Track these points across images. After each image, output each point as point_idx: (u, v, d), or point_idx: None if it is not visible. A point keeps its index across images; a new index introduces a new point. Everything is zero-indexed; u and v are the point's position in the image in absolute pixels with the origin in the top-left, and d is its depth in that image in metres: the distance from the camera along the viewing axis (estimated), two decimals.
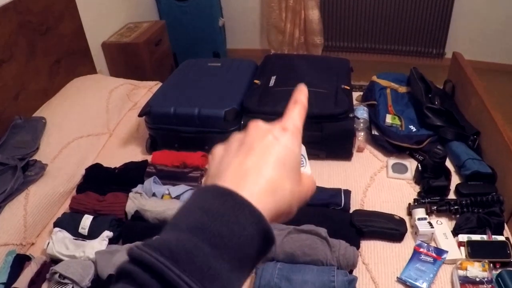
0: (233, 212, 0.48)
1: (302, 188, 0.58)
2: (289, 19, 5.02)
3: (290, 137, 0.57)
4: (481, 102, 2.50)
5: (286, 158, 0.55)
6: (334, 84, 2.51)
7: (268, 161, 0.54)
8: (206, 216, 0.47)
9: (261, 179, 0.52)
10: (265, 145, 0.56)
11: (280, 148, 0.56)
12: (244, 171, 0.53)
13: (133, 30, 4.12)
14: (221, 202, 0.48)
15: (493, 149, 2.34)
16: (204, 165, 2.37)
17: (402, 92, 2.80)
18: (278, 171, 0.54)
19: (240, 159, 0.55)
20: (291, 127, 0.59)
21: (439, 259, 1.86)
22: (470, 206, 2.07)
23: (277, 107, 2.33)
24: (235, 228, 0.47)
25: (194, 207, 0.49)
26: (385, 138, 2.45)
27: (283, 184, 0.54)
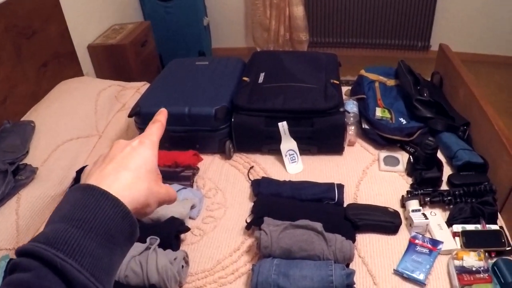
0: (94, 200, 0.60)
1: (160, 189, 0.72)
2: (273, 16, 5.01)
3: (146, 148, 0.72)
4: (470, 92, 2.51)
5: (142, 163, 0.70)
6: (323, 79, 2.51)
7: (126, 165, 0.68)
8: (73, 207, 0.59)
9: (119, 178, 0.65)
10: (124, 155, 0.70)
11: (137, 156, 0.70)
12: (104, 175, 0.66)
13: (119, 32, 4.11)
14: (84, 194, 0.61)
15: (484, 139, 2.35)
16: (196, 164, 2.37)
17: (391, 85, 2.80)
18: (135, 173, 0.68)
19: (102, 167, 0.68)
20: (147, 141, 0.73)
21: (435, 250, 1.86)
22: (463, 196, 2.07)
23: (267, 103, 2.33)
24: (96, 212, 0.59)
25: (64, 202, 0.61)
26: (375, 131, 2.44)
27: (140, 182, 0.67)
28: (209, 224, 2.09)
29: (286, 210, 1.98)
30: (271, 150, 2.41)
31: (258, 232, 1.84)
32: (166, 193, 0.73)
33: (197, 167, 2.38)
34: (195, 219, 2.12)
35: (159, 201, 0.72)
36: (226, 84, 2.56)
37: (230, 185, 2.30)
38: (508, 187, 2.05)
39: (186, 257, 1.83)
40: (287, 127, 2.30)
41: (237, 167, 2.41)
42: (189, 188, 2.24)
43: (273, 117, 2.32)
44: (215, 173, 2.39)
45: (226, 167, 2.42)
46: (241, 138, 2.43)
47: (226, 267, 1.87)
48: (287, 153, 2.34)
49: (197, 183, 2.32)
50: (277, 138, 2.34)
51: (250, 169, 2.36)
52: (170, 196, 0.75)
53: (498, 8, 5.00)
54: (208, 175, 2.37)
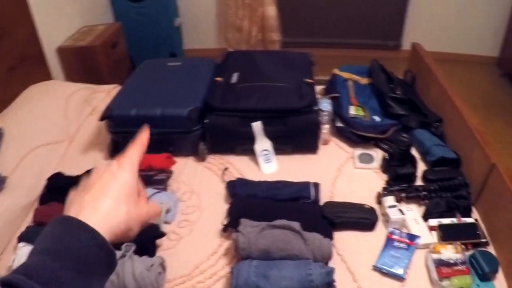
0: (72, 231, 0.63)
1: (141, 211, 0.75)
2: (246, 16, 5.00)
3: (124, 173, 0.74)
4: (442, 90, 2.53)
5: (121, 188, 0.72)
6: (297, 78, 2.50)
7: (104, 193, 0.70)
8: (52, 239, 0.63)
9: (97, 207, 0.68)
10: (103, 183, 0.72)
11: (115, 182, 0.72)
12: (83, 205, 0.68)
13: (88, 34, 4.05)
14: (63, 227, 0.64)
15: (456, 135, 2.36)
16: (169, 167, 2.34)
17: (364, 84, 2.81)
18: (113, 200, 0.70)
19: (81, 196, 0.70)
20: (126, 164, 0.76)
21: (412, 245, 1.86)
22: (438, 191, 2.09)
23: (240, 103, 2.31)
24: (73, 243, 0.62)
25: (44, 234, 0.64)
26: (350, 129, 2.44)
27: (119, 208, 0.70)
28: (185, 228, 2.05)
29: (262, 210, 1.96)
30: (246, 150, 2.39)
31: (236, 234, 1.81)
32: (147, 214, 0.77)
33: (170, 170, 2.34)
34: (170, 223, 2.07)
35: (141, 222, 0.75)
36: (199, 85, 2.52)
37: (204, 188, 2.27)
38: (481, 180, 2.07)
39: (163, 263, 1.79)
40: (261, 127, 2.28)
41: (211, 169, 2.38)
42: (164, 192, 2.20)
43: (247, 117, 2.30)
44: (190, 175, 2.35)
45: (200, 169, 2.39)
46: (215, 139, 2.40)
47: (204, 271, 1.84)
48: (261, 153, 2.33)
49: (171, 186, 2.28)
50: (251, 138, 2.32)
51: (225, 171, 2.33)
52: (152, 215, 0.79)
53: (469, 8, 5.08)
54: (182, 178, 2.33)
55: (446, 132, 2.48)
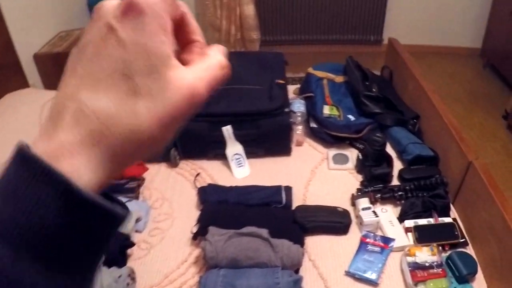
0: (31, 190, 0.34)
1: (173, 96, 0.39)
2: (224, 16, 4.96)
3: (139, 22, 0.38)
4: (418, 85, 2.48)
5: (129, 64, 0.37)
6: (268, 79, 2.45)
7: (97, 83, 0.38)
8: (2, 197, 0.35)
9: (82, 119, 0.37)
10: (97, 54, 0.38)
11: (119, 52, 0.38)
12: (62, 108, 0.38)
13: (65, 39, 3.98)
14: (20, 176, 0.35)
15: (434, 132, 2.32)
16: (140, 174, 2.29)
17: (340, 82, 2.75)
18: (114, 95, 0.37)
19: (65, 85, 0.40)
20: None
21: (387, 248, 1.81)
22: (414, 190, 2.04)
23: (210, 108, 2.26)
24: (25, 203, 0.34)
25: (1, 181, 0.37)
26: (323, 129, 2.39)
27: (125, 111, 0.37)
28: (156, 236, 2.00)
29: (233, 217, 1.92)
30: (218, 155, 2.34)
31: (203, 242, 1.77)
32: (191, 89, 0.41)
33: (142, 178, 2.29)
34: (141, 232, 2.02)
35: (179, 112, 0.40)
36: None
37: (177, 194, 2.22)
38: (458, 178, 2.03)
39: (132, 274, 1.74)
40: (231, 131, 2.23)
41: (183, 175, 2.33)
42: (135, 201, 2.15)
43: (217, 122, 2.25)
44: (162, 182, 2.30)
45: (172, 176, 2.34)
46: (186, 145, 2.35)
47: (174, 281, 1.79)
48: (233, 157, 2.28)
49: (143, 194, 2.23)
50: (222, 142, 2.27)
51: (197, 176, 2.28)
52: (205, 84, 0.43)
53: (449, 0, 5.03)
54: (154, 185, 2.28)
55: (424, 129, 2.44)
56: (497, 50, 4.87)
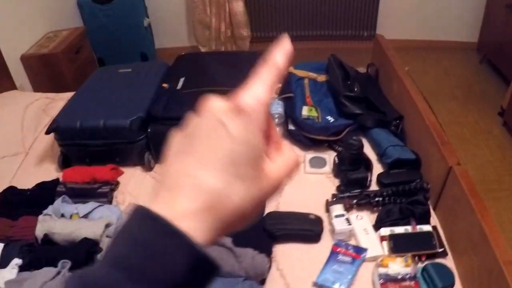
0: (159, 242, 0.41)
1: (264, 183, 0.47)
2: (213, 13, 4.93)
3: (244, 122, 0.46)
4: (402, 85, 2.40)
5: (236, 154, 0.45)
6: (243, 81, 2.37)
7: (210, 165, 0.45)
8: (130, 247, 0.42)
9: (198, 192, 0.44)
10: (210, 142, 0.46)
11: (228, 143, 0.45)
12: (180, 180, 0.45)
13: (52, 40, 3.96)
14: (148, 231, 0.42)
15: (416, 134, 2.25)
16: (114, 179, 2.25)
17: (322, 81, 2.67)
18: (223, 176, 0.44)
19: (183, 159, 0.46)
20: (250, 104, 0.47)
21: (359, 258, 1.74)
22: (392, 196, 1.95)
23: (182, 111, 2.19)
24: (161, 260, 0.41)
25: (124, 232, 0.43)
26: (301, 132, 2.31)
27: (231, 191, 0.45)
28: None
29: None
30: None
31: None
32: (276, 179, 0.49)
33: (116, 182, 2.26)
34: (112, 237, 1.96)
35: (267, 197, 0.49)
36: (146, 92, 2.43)
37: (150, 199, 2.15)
38: (439, 184, 1.95)
39: None
40: None
41: (158, 179, 2.26)
42: (106, 205, 2.11)
43: None
44: (136, 186, 2.26)
45: (147, 180, 2.29)
46: (159, 149, 2.29)
47: None
48: None
49: (117, 198, 2.20)
50: None
51: None
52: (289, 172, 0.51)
53: None
54: (128, 189, 2.24)
55: (407, 131, 2.35)
56: (493, 44, 4.79)
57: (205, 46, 5.20)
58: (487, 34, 4.90)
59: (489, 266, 1.52)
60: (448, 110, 4.36)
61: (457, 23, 5.13)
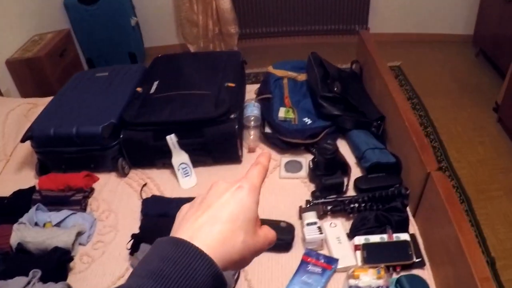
0: (187, 259, 0.54)
1: (258, 239, 0.64)
2: (201, 10, 4.90)
3: (245, 194, 0.64)
4: (383, 83, 2.32)
5: (239, 212, 0.62)
6: (217, 83, 2.32)
7: (222, 217, 0.61)
8: (163, 263, 0.53)
9: (213, 232, 0.59)
10: (221, 203, 0.63)
11: (234, 204, 0.62)
12: (199, 225, 0.60)
13: (37, 43, 3.95)
14: (176, 250, 0.54)
15: (397, 136, 2.17)
16: (88, 186, 2.21)
17: (302, 81, 2.60)
18: (230, 225, 0.60)
19: (198, 215, 0.62)
20: (248, 185, 0.65)
21: (329, 269, 1.67)
22: (368, 203, 1.88)
23: (153, 116, 2.15)
24: (187, 272, 0.53)
25: (153, 255, 0.55)
26: (276, 135, 2.25)
27: (235, 236, 0.60)
28: (99, 249, 1.94)
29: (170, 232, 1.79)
30: (166, 164, 2.24)
31: (134, 260, 1.73)
32: (263, 243, 0.66)
33: (90, 189, 2.22)
34: (85, 245, 1.97)
35: (256, 253, 0.65)
36: (120, 97, 2.38)
37: (123, 206, 2.13)
38: (418, 190, 1.87)
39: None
40: (175, 139, 2.12)
41: (131, 185, 2.23)
42: (79, 213, 2.07)
43: (160, 130, 2.14)
44: (110, 193, 2.22)
45: (121, 186, 2.24)
46: (132, 155, 2.26)
47: None
48: (179, 166, 2.16)
49: (91, 205, 2.16)
50: (168, 152, 2.17)
51: (143, 187, 2.18)
52: (267, 243, 0.68)
53: None
54: (102, 196, 2.20)
55: (388, 132, 2.28)
56: (489, 37, 4.71)
57: (193, 44, 5.16)
58: (483, 26, 4.81)
59: (466, 280, 1.45)
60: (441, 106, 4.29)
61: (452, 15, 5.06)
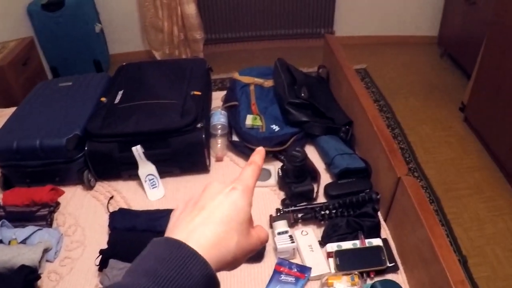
0: (182, 259, 0.55)
1: (251, 240, 0.66)
2: (166, 16, 4.86)
3: (239, 195, 0.65)
4: (350, 87, 2.31)
5: (233, 214, 0.63)
6: (183, 91, 2.27)
7: (215, 218, 0.62)
8: (158, 262, 0.55)
9: (207, 233, 0.60)
10: (215, 204, 0.64)
11: (227, 206, 0.64)
12: (193, 226, 0.61)
13: (0, 52, 3.83)
14: (171, 251, 0.56)
15: (366, 140, 2.16)
16: (54, 200, 2.14)
17: (269, 87, 2.58)
18: (224, 226, 0.62)
19: (192, 217, 0.63)
20: (241, 186, 0.67)
21: (303, 278, 1.64)
22: (339, 209, 1.87)
23: (118, 127, 2.09)
24: (182, 273, 0.54)
25: (149, 255, 0.57)
26: (244, 143, 2.23)
27: (229, 237, 0.62)
28: (66, 266, 1.87)
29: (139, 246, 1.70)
30: (133, 176, 2.19)
31: (102, 277, 1.67)
32: (255, 243, 0.68)
33: (56, 203, 2.15)
34: (53, 261, 1.90)
35: (249, 254, 0.67)
36: (84, 108, 2.31)
37: (90, 220, 2.08)
38: (389, 194, 1.86)
39: None
40: (141, 151, 2.07)
41: (98, 198, 2.18)
42: (45, 229, 2.00)
43: (126, 142, 2.09)
44: (76, 207, 2.16)
45: (87, 199, 2.19)
46: (98, 167, 2.20)
47: None
48: (146, 178, 2.12)
49: (57, 220, 2.09)
50: (134, 163, 2.12)
51: (110, 200, 2.13)
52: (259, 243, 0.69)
53: None
54: (68, 210, 2.14)
55: (357, 137, 2.27)
56: (453, 38, 4.77)
57: (158, 50, 5.12)
58: (447, 28, 4.87)
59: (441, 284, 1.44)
60: (408, 107, 4.33)
61: (417, 17, 5.11)
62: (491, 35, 3.65)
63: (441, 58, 4.98)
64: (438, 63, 4.97)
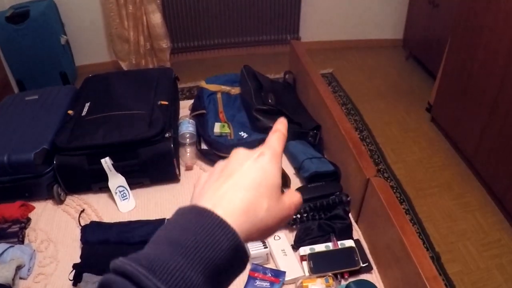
0: (209, 228, 0.52)
1: (283, 205, 0.63)
2: (131, 26, 4.83)
3: (267, 160, 0.63)
4: (317, 92, 2.33)
5: (262, 179, 0.61)
6: (150, 101, 2.27)
7: (244, 184, 0.60)
8: (184, 231, 0.52)
9: (236, 200, 0.57)
10: (243, 170, 0.62)
11: (256, 171, 0.61)
12: (221, 193, 0.59)
13: None
14: (198, 220, 0.53)
15: (334, 143, 2.19)
16: (24, 216, 2.10)
17: (235, 94, 2.58)
18: (253, 192, 0.59)
19: (219, 183, 0.61)
20: (270, 151, 0.65)
21: (277, 282, 1.65)
22: (310, 212, 1.88)
23: (86, 140, 2.08)
24: (209, 242, 0.51)
25: (175, 224, 0.54)
26: (213, 151, 2.23)
27: (258, 203, 0.59)
28: (41, 282, 1.85)
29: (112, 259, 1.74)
30: (103, 188, 2.17)
31: None
32: (288, 208, 0.64)
33: (27, 219, 2.12)
34: (26, 279, 1.87)
35: (282, 220, 0.63)
36: (52, 121, 2.28)
37: (62, 234, 2.05)
38: (359, 196, 1.89)
39: None
40: (110, 162, 2.06)
41: (69, 212, 2.15)
42: (17, 246, 1.97)
43: (95, 154, 2.08)
44: (48, 222, 2.13)
45: (58, 214, 2.16)
46: (67, 181, 2.18)
47: None
48: (116, 190, 2.11)
49: (29, 236, 2.06)
50: (104, 175, 2.10)
51: (81, 213, 2.11)
52: (293, 207, 0.66)
53: None
54: (40, 226, 2.11)
55: (325, 141, 2.29)
56: (418, 40, 4.83)
57: (125, 61, 5.08)
58: (411, 30, 4.94)
59: (413, 280, 1.46)
60: (375, 109, 4.37)
61: (382, 20, 5.16)
62: (454, 36, 3.71)
63: (407, 60, 5.04)
64: (404, 65, 5.03)
